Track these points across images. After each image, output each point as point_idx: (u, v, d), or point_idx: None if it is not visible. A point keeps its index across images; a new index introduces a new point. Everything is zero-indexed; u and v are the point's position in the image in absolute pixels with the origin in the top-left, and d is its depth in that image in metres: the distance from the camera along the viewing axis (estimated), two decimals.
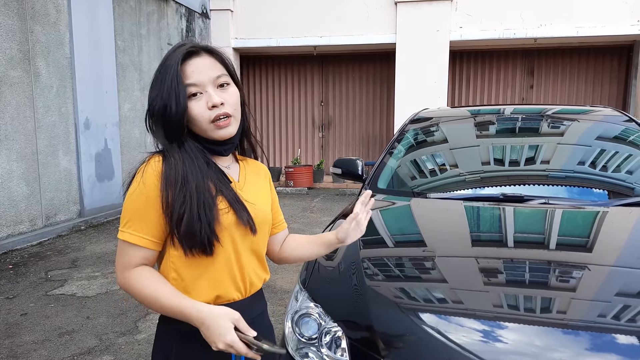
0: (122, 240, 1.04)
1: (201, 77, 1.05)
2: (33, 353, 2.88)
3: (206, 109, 1.04)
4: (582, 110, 3.11)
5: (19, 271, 4.43)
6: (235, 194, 1.08)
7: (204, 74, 1.05)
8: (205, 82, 1.05)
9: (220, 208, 1.04)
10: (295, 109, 11.14)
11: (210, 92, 1.05)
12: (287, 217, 6.89)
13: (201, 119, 1.04)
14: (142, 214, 1.02)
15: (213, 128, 1.05)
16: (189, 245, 1.02)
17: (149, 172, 1.02)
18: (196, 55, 1.07)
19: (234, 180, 1.13)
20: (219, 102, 1.04)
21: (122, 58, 7.03)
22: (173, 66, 1.04)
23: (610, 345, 1.25)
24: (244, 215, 1.07)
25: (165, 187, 1.01)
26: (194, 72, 1.05)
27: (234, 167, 1.17)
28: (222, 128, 1.06)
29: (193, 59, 1.06)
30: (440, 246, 1.85)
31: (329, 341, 1.42)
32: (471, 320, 1.34)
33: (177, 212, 1.00)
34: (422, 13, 9.06)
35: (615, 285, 1.50)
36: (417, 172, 2.78)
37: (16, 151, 5.25)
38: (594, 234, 1.89)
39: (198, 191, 1.01)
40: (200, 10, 9.30)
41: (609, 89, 9.99)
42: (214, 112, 1.04)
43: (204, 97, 1.05)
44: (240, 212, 1.06)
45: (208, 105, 1.04)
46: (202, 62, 1.06)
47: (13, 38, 5.18)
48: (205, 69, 1.06)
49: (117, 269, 1.06)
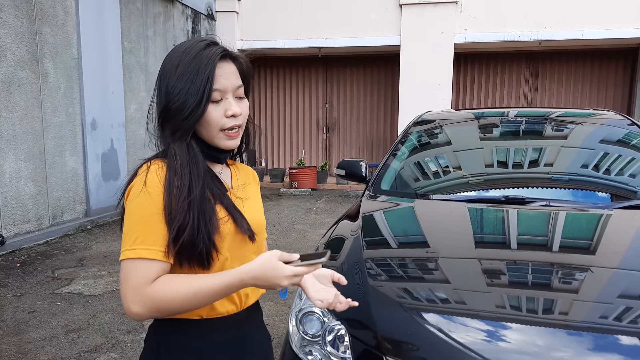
0: (136, 258, 0.94)
1: (227, 84, 1.02)
2: (41, 350, 2.93)
3: (223, 116, 1.01)
4: (585, 114, 3.13)
5: (27, 269, 4.48)
6: (232, 202, 1.04)
7: (230, 81, 1.03)
8: (229, 90, 1.02)
9: (220, 217, 1.00)
10: (300, 111, 11.18)
11: (231, 101, 1.02)
12: (291, 218, 6.92)
13: (216, 125, 1.01)
14: (153, 225, 0.95)
15: (223, 136, 1.03)
16: (188, 258, 0.97)
17: (154, 181, 0.96)
18: (225, 59, 1.03)
19: (229, 187, 1.09)
20: (238, 113, 1.02)
21: (128, 59, 7.09)
22: (209, 65, 0.99)
23: (611, 346, 1.27)
24: (244, 223, 1.03)
25: (169, 196, 0.95)
26: (222, 77, 1.01)
27: (225, 172, 1.13)
28: (232, 138, 1.04)
29: (223, 62, 1.02)
30: (443, 247, 1.88)
31: (332, 339, 1.45)
32: (474, 320, 1.36)
33: (178, 223, 0.94)
34: (426, 15, 9.07)
35: (617, 287, 1.51)
36: (421, 174, 2.80)
37: (24, 151, 5.31)
38: (597, 237, 1.90)
39: (200, 201, 0.97)
40: (206, 12, 9.36)
41: (614, 92, 9.97)
42: (230, 121, 1.02)
43: (223, 104, 1.02)
44: (240, 220, 1.03)
45: (227, 113, 1.01)
46: (229, 68, 1.04)
47: (22, 39, 5.24)
48: (231, 76, 1.03)
49: (131, 293, 0.94)
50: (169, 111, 1.00)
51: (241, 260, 1.03)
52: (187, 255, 0.97)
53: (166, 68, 1.02)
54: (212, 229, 0.97)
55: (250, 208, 1.10)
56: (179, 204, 0.95)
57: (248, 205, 1.10)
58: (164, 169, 0.98)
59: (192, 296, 0.94)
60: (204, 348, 1.04)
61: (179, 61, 1.00)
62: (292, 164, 10.86)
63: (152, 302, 0.94)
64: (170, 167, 0.98)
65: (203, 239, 0.96)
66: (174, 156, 0.99)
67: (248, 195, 1.13)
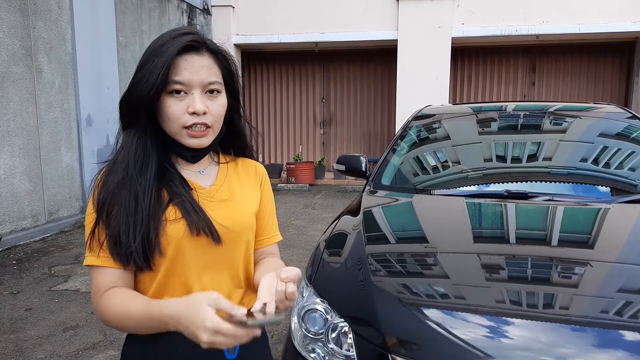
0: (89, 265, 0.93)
1: (192, 78, 0.93)
2: (38, 348, 2.91)
3: (185, 113, 0.92)
4: (584, 107, 3.12)
5: (23, 267, 4.45)
6: (192, 201, 0.94)
7: (196, 75, 0.93)
8: (194, 85, 0.93)
9: (170, 218, 0.92)
10: (297, 106, 11.14)
11: (195, 97, 0.93)
12: (289, 213, 6.91)
13: (176, 121, 0.93)
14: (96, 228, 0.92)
15: (185, 134, 0.94)
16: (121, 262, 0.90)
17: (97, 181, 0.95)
18: (196, 51, 0.94)
19: (201, 187, 0.99)
20: (201, 111, 0.92)
21: (123, 54, 7.03)
22: (166, 54, 0.91)
23: (614, 341, 1.26)
24: (197, 222, 0.92)
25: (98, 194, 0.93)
26: (186, 70, 0.92)
27: (211, 170, 1.04)
28: (195, 137, 0.94)
29: (191, 54, 0.93)
30: (446, 243, 1.87)
31: (335, 336, 1.44)
32: (477, 316, 1.35)
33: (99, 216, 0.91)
34: (423, 9, 9.04)
35: (617, 282, 1.51)
36: (420, 169, 2.79)
37: (19, 147, 5.26)
38: (596, 231, 1.90)
39: (137, 200, 0.90)
40: (202, 7, 9.29)
41: (611, 86, 9.99)
42: (191, 119, 0.93)
43: (187, 99, 0.93)
44: (190, 218, 0.92)
45: (188, 110, 0.92)
46: (199, 61, 0.94)
47: (15, 34, 5.18)
48: (200, 70, 0.94)
49: (92, 300, 0.95)
50: (126, 99, 0.96)
51: (208, 266, 0.96)
52: (113, 255, 0.90)
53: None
54: (150, 227, 0.89)
55: (230, 210, 0.99)
56: (101, 197, 0.91)
57: (228, 208, 0.99)
58: (106, 167, 0.95)
59: (124, 318, 0.87)
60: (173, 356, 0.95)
61: (147, 49, 0.96)
62: (290, 160, 10.83)
63: (100, 313, 0.91)
64: (111, 163, 0.95)
65: (132, 237, 0.88)
66: (119, 148, 0.95)
67: (235, 194, 1.03)
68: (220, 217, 0.96)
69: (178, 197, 0.94)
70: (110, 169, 0.95)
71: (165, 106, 0.93)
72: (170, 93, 0.92)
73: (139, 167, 0.93)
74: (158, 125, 0.97)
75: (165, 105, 0.93)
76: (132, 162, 0.93)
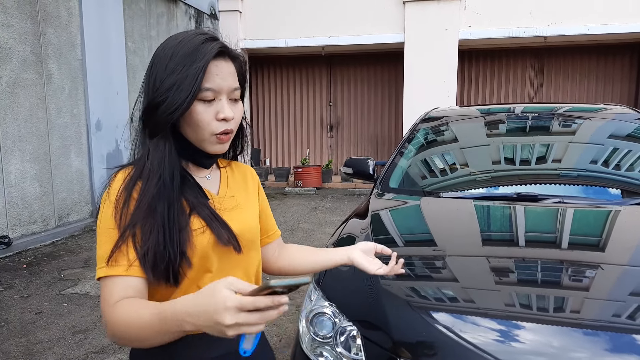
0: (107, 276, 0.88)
1: (222, 85, 0.93)
2: (48, 351, 2.93)
3: (214, 119, 0.92)
4: (593, 109, 3.08)
5: (33, 270, 4.49)
6: (212, 211, 0.95)
7: (226, 81, 0.93)
8: (223, 91, 0.93)
9: (194, 228, 0.91)
10: (304, 109, 11.16)
11: (224, 104, 0.93)
12: (297, 217, 6.91)
13: (206, 128, 0.92)
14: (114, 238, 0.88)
15: (214, 141, 0.94)
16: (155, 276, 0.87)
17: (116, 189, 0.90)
18: (223, 57, 0.95)
19: (212, 195, 1.00)
20: (231, 117, 0.93)
21: (132, 59, 7.09)
22: (203, 60, 0.90)
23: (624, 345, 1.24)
24: (224, 233, 0.93)
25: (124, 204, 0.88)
26: (218, 77, 0.92)
27: (214, 175, 1.05)
28: (222, 143, 0.95)
29: (220, 60, 0.93)
30: (455, 246, 1.85)
31: (344, 340, 1.43)
32: (488, 321, 1.34)
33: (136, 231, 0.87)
34: (430, 12, 9.03)
35: (629, 285, 1.48)
36: (428, 172, 2.78)
37: (29, 152, 5.32)
38: (607, 233, 1.87)
39: (169, 207, 0.89)
40: (209, 12, 9.35)
41: (620, 87, 9.90)
42: (221, 125, 0.93)
43: (215, 105, 0.93)
44: (218, 230, 0.93)
45: (218, 116, 0.92)
46: (227, 68, 0.95)
47: (26, 40, 5.25)
48: (229, 76, 0.94)
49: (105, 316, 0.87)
50: (154, 106, 0.91)
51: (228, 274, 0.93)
52: (153, 270, 0.86)
53: (158, 58, 0.93)
54: (182, 240, 0.88)
55: (239, 217, 1.00)
56: (137, 209, 0.87)
57: (237, 215, 1.00)
58: (130, 174, 0.91)
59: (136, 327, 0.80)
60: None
61: (172, 53, 0.91)
62: (297, 163, 10.85)
63: (110, 326, 0.84)
64: (137, 170, 0.91)
65: (171, 250, 0.86)
66: (146, 156, 0.91)
67: (239, 201, 1.04)
68: (234, 225, 0.97)
69: (200, 208, 0.93)
70: (135, 176, 0.91)
71: (196, 113, 0.91)
72: (200, 100, 0.91)
73: (170, 175, 0.91)
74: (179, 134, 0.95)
75: (196, 112, 0.91)
76: (166, 171, 0.90)
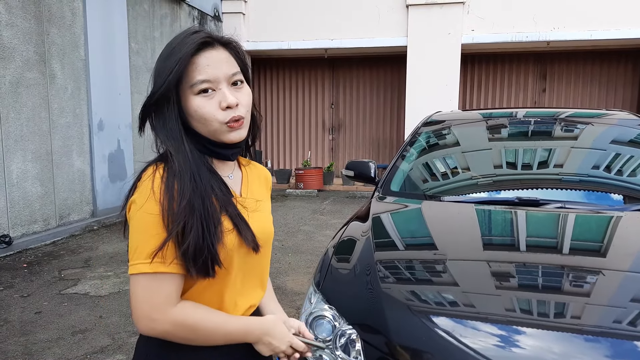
0: (152, 272, 0.87)
1: (216, 73, 0.92)
2: (47, 351, 2.92)
3: (219, 109, 0.92)
4: (596, 114, 3.08)
5: (33, 270, 4.49)
6: (238, 211, 0.97)
7: (219, 69, 0.93)
8: (220, 79, 0.93)
9: (226, 229, 0.93)
10: (306, 112, 11.17)
11: (225, 91, 0.93)
12: (298, 219, 6.91)
13: (214, 119, 0.92)
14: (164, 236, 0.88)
15: (226, 130, 0.93)
16: (197, 270, 0.90)
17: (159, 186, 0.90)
18: (211, 46, 0.94)
19: (236, 194, 1.01)
20: (234, 103, 0.93)
21: (135, 60, 7.11)
22: (181, 52, 0.90)
23: (625, 352, 1.24)
24: (249, 235, 0.96)
25: (170, 202, 0.88)
26: (209, 67, 0.92)
27: (236, 174, 1.06)
28: (235, 130, 0.94)
29: (208, 50, 0.93)
30: (456, 250, 1.85)
31: (343, 343, 1.42)
32: (487, 325, 1.33)
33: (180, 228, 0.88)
34: (433, 16, 9.04)
35: (630, 291, 1.48)
36: (430, 175, 2.77)
37: (31, 152, 5.33)
38: (609, 239, 1.87)
39: (204, 204, 0.90)
40: (213, 14, 9.38)
41: (623, 93, 9.89)
42: (228, 113, 0.93)
43: (217, 95, 0.92)
44: (244, 231, 0.95)
45: (222, 106, 0.92)
46: (218, 55, 0.94)
47: (30, 40, 5.26)
48: (221, 63, 0.93)
49: (151, 311, 0.88)
50: (152, 106, 0.94)
51: (245, 273, 1.01)
52: (194, 264, 0.89)
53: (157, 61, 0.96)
54: (216, 236, 0.91)
55: (259, 218, 1.03)
56: (180, 208, 0.87)
57: (257, 216, 1.03)
58: (165, 172, 0.92)
59: (216, 329, 0.94)
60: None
61: (161, 55, 0.95)
62: (298, 165, 10.85)
63: (176, 325, 0.90)
64: (170, 169, 0.91)
65: (210, 242, 0.89)
66: (171, 158, 0.92)
67: (257, 206, 1.05)
68: (254, 227, 1.00)
69: (228, 206, 0.96)
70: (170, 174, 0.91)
71: (198, 107, 0.92)
72: (198, 94, 0.92)
73: (198, 173, 0.92)
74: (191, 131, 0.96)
75: (198, 107, 0.92)
76: (194, 169, 0.92)
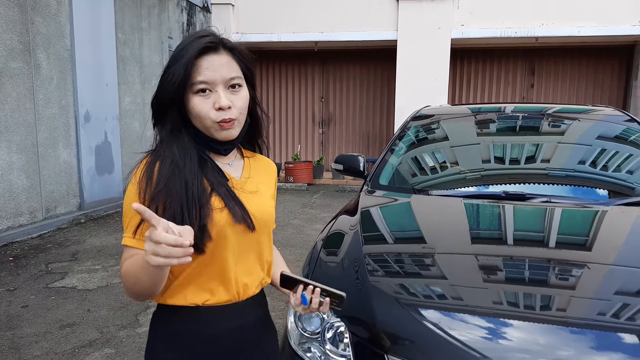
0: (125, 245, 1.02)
1: (214, 76, 1.02)
2: (34, 345, 2.90)
3: (212, 109, 1.02)
4: (583, 110, 3.12)
5: (20, 263, 4.43)
6: (231, 192, 1.06)
7: (217, 72, 1.02)
8: (217, 82, 1.02)
9: (215, 207, 1.02)
10: (296, 105, 11.13)
11: (220, 93, 1.02)
12: (287, 212, 6.90)
13: (207, 117, 1.02)
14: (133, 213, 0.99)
15: (217, 128, 1.03)
16: None
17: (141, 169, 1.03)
18: (214, 51, 1.03)
19: (233, 178, 1.10)
20: (226, 106, 1.02)
21: (122, 51, 7.01)
22: (187, 56, 1.01)
23: (610, 343, 1.26)
24: (237, 212, 1.04)
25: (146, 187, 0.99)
26: (208, 70, 1.02)
27: (237, 163, 1.15)
28: (225, 129, 1.04)
29: (210, 54, 1.03)
30: (442, 243, 1.87)
31: (331, 336, 1.43)
32: (476, 318, 1.35)
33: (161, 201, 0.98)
34: (423, 10, 9.04)
35: (615, 284, 1.51)
36: (418, 169, 2.79)
37: (16, 143, 5.24)
38: (594, 233, 1.90)
39: (187, 188, 0.99)
40: (201, 4, 9.27)
41: (610, 89, 10.01)
42: (220, 114, 1.02)
43: (213, 96, 1.02)
44: (233, 208, 1.04)
45: (215, 106, 1.02)
46: (218, 60, 1.03)
47: (14, 29, 5.16)
48: (220, 67, 1.03)
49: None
50: (157, 102, 1.05)
51: (242, 251, 1.08)
52: None
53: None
54: (203, 214, 0.99)
55: (257, 200, 1.11)
56: (156, 190, 0.98)
57: (255, 198, 1.11)
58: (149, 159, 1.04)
59: (132, 272, 0.97)
60: (199, 336, 1.05)
61: (173, 55, 1.05)
62: (288, 159, 10.82)
63: (122, 280, 1.01)
64: (154, 157, 1.03)
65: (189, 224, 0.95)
66: (160, 146, 1.04)
67: (258, 187, 1.14)
68: (251, 207, 1.08)
69: (219, 187, 1.05)
70: (153, 161, 1.03)
71: (194, 105, 1.02)
72: (197, 93, 1.02)
73: (182, 158, 1.02)
74: (191, 124, 1.06)
75: (194, 104, 1.02)
76: (176, 154, 1.02)
